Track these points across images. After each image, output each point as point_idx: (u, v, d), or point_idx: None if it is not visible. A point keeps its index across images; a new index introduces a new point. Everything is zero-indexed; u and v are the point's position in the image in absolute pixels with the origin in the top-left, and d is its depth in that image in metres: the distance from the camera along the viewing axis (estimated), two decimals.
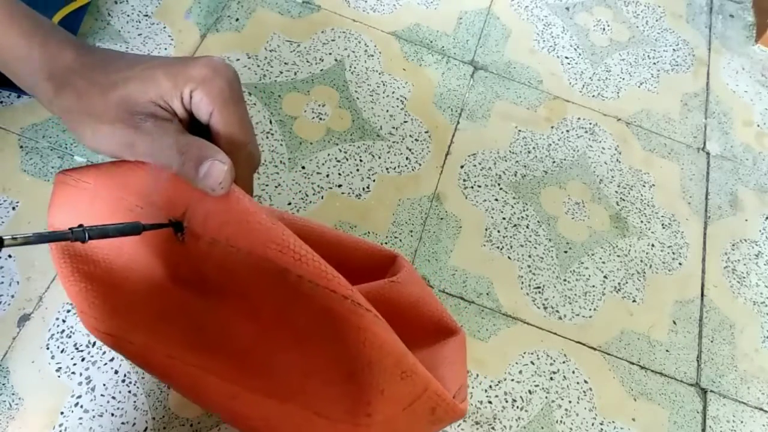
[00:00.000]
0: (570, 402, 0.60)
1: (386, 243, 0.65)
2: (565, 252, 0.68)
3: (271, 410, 0.36)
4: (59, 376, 0.54)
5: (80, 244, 0.37)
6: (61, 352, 0.55)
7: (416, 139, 0.72)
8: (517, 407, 0.59)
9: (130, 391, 0.54)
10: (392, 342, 0.33)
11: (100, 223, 0.34)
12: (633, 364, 0.63)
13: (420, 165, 0.71)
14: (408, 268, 0.44)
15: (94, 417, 0.53)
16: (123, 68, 0.32)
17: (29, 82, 0.32)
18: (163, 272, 0.36)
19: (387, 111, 0.74)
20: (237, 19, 0.77)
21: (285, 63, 0.75)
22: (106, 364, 0.55)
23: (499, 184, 0.71)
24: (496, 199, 0.70)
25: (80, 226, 0.29)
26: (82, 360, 0.55)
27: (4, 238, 0.25)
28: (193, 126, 0.33)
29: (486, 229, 0.68)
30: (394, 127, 0.73)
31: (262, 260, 0.32)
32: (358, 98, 0.74)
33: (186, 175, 0.31)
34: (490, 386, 0.60)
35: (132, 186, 0.34)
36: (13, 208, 0.60)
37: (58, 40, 0.32)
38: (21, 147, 0.63)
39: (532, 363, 0.61)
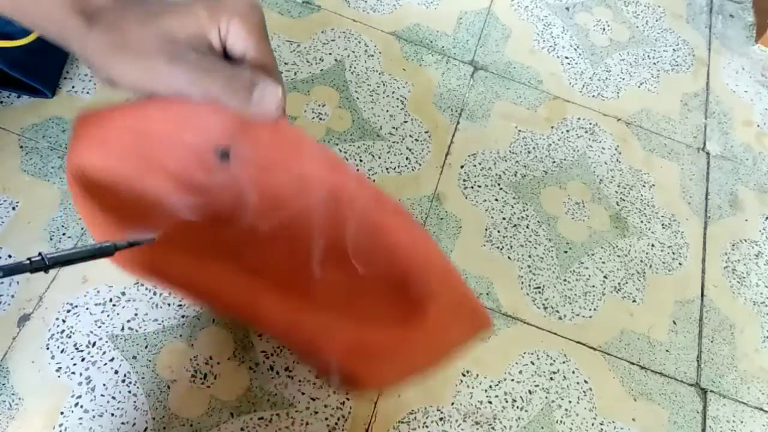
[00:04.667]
0: (570, 402, 0.60)
1: None
2: (565, 252, 0.68)
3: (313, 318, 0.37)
4: (59, 376, 0.54)
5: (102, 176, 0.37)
6: (61, 352, 0.55)
7: (416, 139, 0.72)
8: (517, 407, 0.59)
9: (130, 391, 0.54)
10: (440, 254, 0.36)
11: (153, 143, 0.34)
12: (633, 364, 0.63)
13: (420, 165, 0.71)
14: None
15: (94, 417, 0.53)
16: (159, 1, 0.31)
17: (57, 16, 0.31)
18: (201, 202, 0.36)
19: (387, 111, 0.74)
20: None
21: (285, 63, 0.75)
22: (106, 364, 0.55)
23: (499, 184, 0.71)
24: (496, 199, 0.70)
25: (113, 244, 0.29)
26: (82, 360, 0.55)
27: (46, 257, 0.25)
28: None
29: (486, 229, 0.68)
30: (394, 127, 0.73)
31: (314, 181, 0.33)
32: (358, 98, 0.74)
33: (237, 102, 0.31)
34: (490, 386, 0.60)
35: (181, 120, 0.34)
36: (13, 208, 0.60)
37: None
38: (21, 147, 0.63)
39: (532, 363, 0.61)
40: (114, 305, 0.57)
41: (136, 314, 0.57)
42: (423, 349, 0.36)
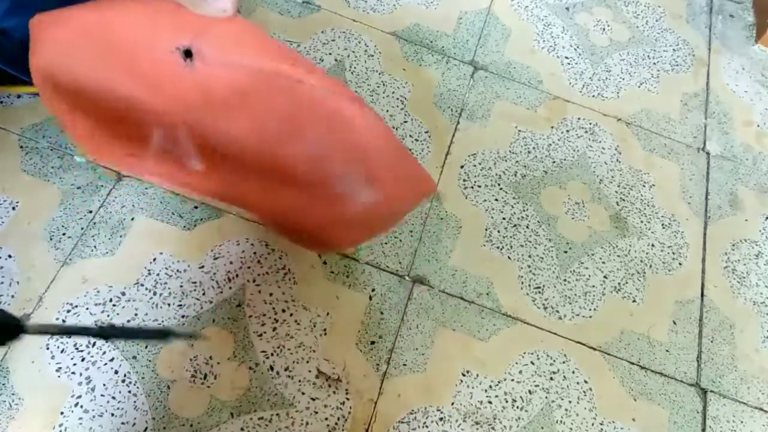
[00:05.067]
0: (570, 402, 0.60)
1: (386, 243, 0.65)
2: (565, 252, 0.68)
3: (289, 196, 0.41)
4: (59, 376, 0.54)
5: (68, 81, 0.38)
6: (61, 352, 0.55)
7: (416, 139, 0.72)
8: (517, 407, 0.59)
9: (130, 391, 0.54)
10: (390, 133, 0.40)
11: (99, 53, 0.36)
12: (633, 364, 0.63)
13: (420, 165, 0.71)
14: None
15: (94, 417, 0.53)
16: None
17: None
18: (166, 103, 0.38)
19: (387, 111, 0.74)
20: None
21: None
22: (106, 364, 0.55)
23: (499, 184, 0.71)
24: (496, 199, 0.70)
25: (171, 331, 0.32)
26: (82, 360, 0.55)
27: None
28: None
29: (486, 229, 0.68)
30: (394, 127, 0.73)
31: (274, 75, 0.35)
32: None
33: (192, 1, 0.32)
34: (490, 386, 0.60)
35: (140, 20, 0.36)
36: (13, 208, 0.60)
37: None
38: (21, 147, 0.63)
39: (532, 363, 0.61)
40: (114, 305, 0.57)
41: (136, 314, 0.57)
42: (381, 216, 0.41)
